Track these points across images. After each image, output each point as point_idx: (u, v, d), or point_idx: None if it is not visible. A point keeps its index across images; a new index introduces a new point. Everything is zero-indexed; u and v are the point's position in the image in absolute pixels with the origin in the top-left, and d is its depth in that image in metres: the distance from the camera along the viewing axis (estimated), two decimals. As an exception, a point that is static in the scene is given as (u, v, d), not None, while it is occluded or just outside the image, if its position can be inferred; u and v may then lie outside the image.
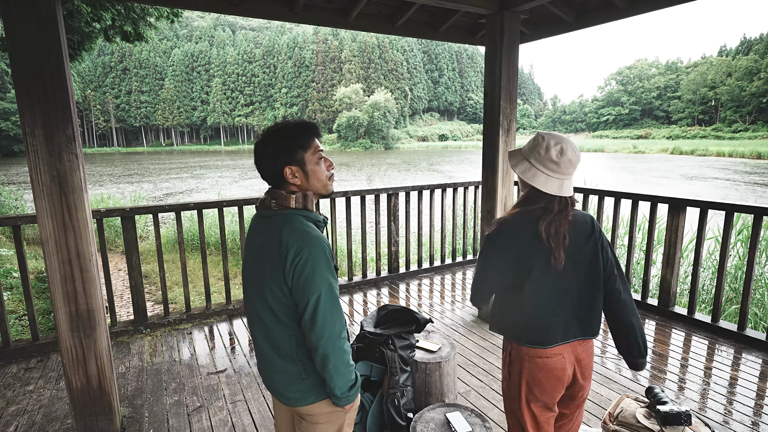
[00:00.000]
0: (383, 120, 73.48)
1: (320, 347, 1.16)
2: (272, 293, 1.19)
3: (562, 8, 3.37)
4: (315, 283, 1.15)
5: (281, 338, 1.23)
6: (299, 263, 1.14)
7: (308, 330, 1.17)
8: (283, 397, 1.29)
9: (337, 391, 1.21)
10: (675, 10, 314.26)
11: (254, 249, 1.27)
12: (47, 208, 2.02)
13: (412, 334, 2.38)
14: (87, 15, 5.15)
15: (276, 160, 1.23)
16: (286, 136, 1.24)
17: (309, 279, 1.15)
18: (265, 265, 1.19)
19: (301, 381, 1.25)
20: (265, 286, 1.20)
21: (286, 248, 1.15)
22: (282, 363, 1.25)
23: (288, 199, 1.22)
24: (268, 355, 1.28)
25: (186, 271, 3.59)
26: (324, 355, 1.17)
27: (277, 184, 1.27)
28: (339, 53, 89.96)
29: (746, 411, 2.40)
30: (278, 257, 1.16)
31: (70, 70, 2.11)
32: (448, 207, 5.15)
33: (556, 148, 1.37)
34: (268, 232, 1.21)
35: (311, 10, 3.27)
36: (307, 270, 1.14)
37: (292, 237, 1.16)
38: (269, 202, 1.24)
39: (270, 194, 1.25)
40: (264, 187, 1.36)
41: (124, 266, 6.25)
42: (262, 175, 1.28)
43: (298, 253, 1.14)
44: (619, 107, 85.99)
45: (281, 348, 1.24)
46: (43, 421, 2.39)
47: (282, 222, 1.20)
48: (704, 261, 4.79)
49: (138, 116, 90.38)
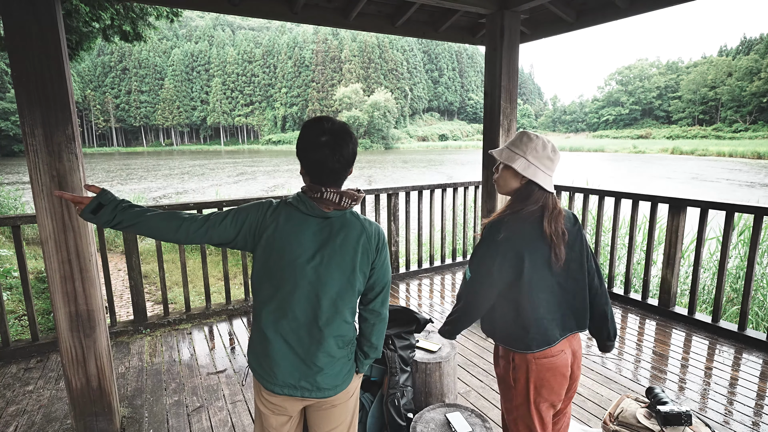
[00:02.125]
0: (383, 120, 73.53)
1: (384, 315, 1.38)
2: (360, 283, 1.29)
3: (562, 8, 3.37)
4: (389, 265, 1.38)
5: (348, 328, 1.32)
6: (382, 248, 1.33)
7: (380, 305, 1.36)
8: (328, 389, 1.29)
9: (380, 348, 1.43)
10: (675, 10, 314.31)
11: (330, 248, 1.24)
12: (47, 208, 2.01)
13: (412, 334, 2.38)
14: (86, 15, 5.14)
15: (354, 155, 1.28)
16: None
17: (388, 261, 1.36)
18: (355, 258, 1.26)
19: (348, 362, 1.35)
20: (354, 278, 1.27)
21: (375, 238, 1.31)
22: (341, 352, 1.31)
23: (359, 198, 1.30)
24: (321, 354, 1.26)
25: (186, 271, 3.58)
26: (385, 319, 1.39)
27: (343, 178, 1.29)
28: (339, 53, 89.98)
29: (746, 411, 2.40)
30: (369, 247, 1.29)
31: (70, 69, 2.11)
32: (448, 207, 5.14)
33: (550, 146, 1.40)
34: (350, 228, 1.27)
35: (311, 10, 3.27)
36: (385, 253, 1.34)
37: (373, 227, 1.32)
38: (348, 203, 1.26)
39: (347, 196, 1.26)
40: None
41: (123, 266, 6.25)
42: (338, 166, 1.23)
43: (381, 239, 1.33)
44: (620, 107, 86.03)
45: (345, 337, 1.32)
46: (43, 422, 2.39)
47: (355, 217, 1.31)
48: (705, 261, 4.79)
49: (138, 116, 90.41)
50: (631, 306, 3.85)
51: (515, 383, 1.45)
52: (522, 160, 1.39)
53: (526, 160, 1.39)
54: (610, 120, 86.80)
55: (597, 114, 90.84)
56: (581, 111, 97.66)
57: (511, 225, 1.38)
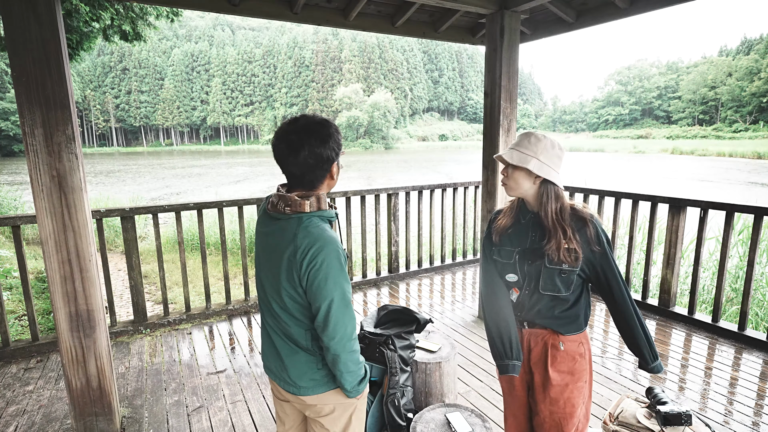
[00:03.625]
0: (383, 120, 73.53)
1: (331, 348, 1.21)
2: (288, 293, 1.21)
3: (562, 8, 3.37)
4: (328, 289, 1.17)
5: (297, 333, 1.27)
6: (313, 269, 1.15)
7: (320, 331, 1.21)
8: (294, 386, 1.30)
9: (347, 386, 1.28)
10: (675, 10, 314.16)
11: (267, 248, 1.26)
12: (47, 208, 2.01)
13: (412, 334, 2.38)
14: (86, 14, 5.14)
15: (329, 155, 1.21)
16: (337, 131, 1.24)
17: (322, 285, 1.16)
18: (280, 267, 1.19)
19: (316, 371, 1.30)
20: (281, 286, 1.21)
21: (303, 253, 1.15)
22: (299, 353, 1.29)
23: (302, 205, 1.19)
24: (283, 347, 1.30)
25: (186, 271, 3.58)
26: (335, 355, 1.22)
27: (309, 183, 1.22)
28: (339, 53, 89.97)
29: (746, 411, 2.40)
30: (294, 261, 1.16)
31: (70, 69, 2.11)
32: (448, 207, 5.14)
33: (557, 144, 1.42)
34: (283, 235, 1.20)
35: (311, 10, 3.27)
36: (320, 276, 1.16)
37: (306, 241, 1.16)
38: (282, 208, 1.20)
39: (283, 200, 1.20)
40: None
41: (123, 266, 6.25)
42: (295, 171, 1.20)
43: (313, 258, 1.15)
44: (620, 107, 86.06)
45: (298, 341, 1.28)
46: (43, 422, 2.39)
47: (297, 225, 1.19)
48: (705, 261, 4.79)
49: (138, 116, 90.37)
50: (631, 306, 3.85)
51: (587, 360, 1.51)
52: (535, 160, 1.39)
53: (538, 160, 1.39)
54: (610, 120, 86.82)
55: (597, 114, 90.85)
56: (581, 111, 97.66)
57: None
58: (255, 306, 3.89)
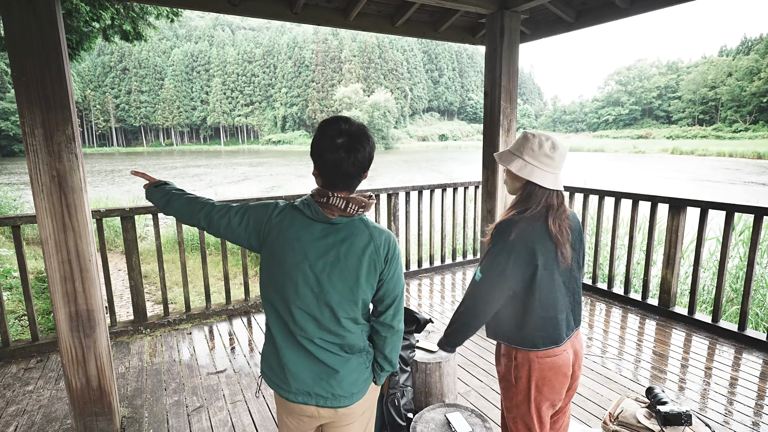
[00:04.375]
0: (383, 120, 73.53)
1: (398, 328, 1.30)
2: (364, 295, 1.22)
3: (562, 8, 3.37)
4: (402, 277, 1.28)
5: (357, 337, 1.26)
6: (394, 260, 1.24)
7: (391, 318, 1.27)
8: (347, 397, 1.25)
9: (395, 362, 1.35)
10: (675, 10, 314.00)
11: (332, 256, 1.18)
12: (47, 208, 2.01)
13: (412, 334, 2.38)
14: (86, 14, 5.14)
15: (373, 155, 1.22)
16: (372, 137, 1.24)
17: (400, 272, 1.27)
18: (359, 269, 1.18)
19: (365, 370, 1.30)
20: (358, 290, 1.19)
21: (384, 248, 1.21)
22: (352, 359, 1.27)
23: (369, 205, 1.21)
24: (336, 361, 1.23)
25: (186, 271, 3.58)
26: (398, 333, 1.31)
27: (356, 183, 1.21)
28: (339, 53, 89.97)
29: (746, 411, 2.40)
30: (377, 258, 1.20)
31: (70, 69, 2.11)
32: (448, 207, 5.14)
33: (548, 143, 1.38)
34: (355, 236, 1.19)
35: (311, 10, 3.27)
36: (398, 264, 1.25)
37: (383, 236, 1.23)
38: (355, 210, 1.18)
39: (354, 202, 1.18)
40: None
41: (123, 266, 6.25)
42: (352, 170, 1.16)
43: (393, 250, 1.24)
44: (619, 107, 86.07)
45: (354, 345, 1.26)
46: (43, 422, 2.39)
47: (364, 225, 1.22)
48: (705, 261, 4.79)
49: (138, 116, 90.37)
50: (631, 306, 3.85)
51: (516, 381, 1.45)
52: (519, 161, 1.39)
53: (522, 160, 1.39)
54: (610, 120, 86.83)
55: (597, 114, 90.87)
56: (581, 111, 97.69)
57: (520, 225, 1.36)
58: (255, 306, 3.89)
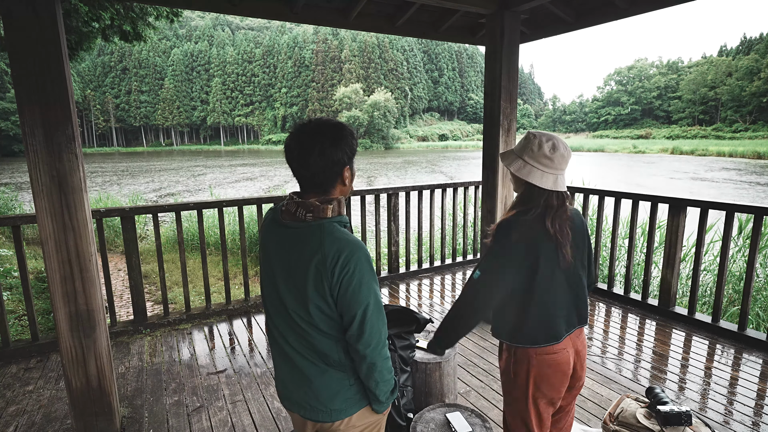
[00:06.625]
0: (383, 120, 73.55)
1: (368, 356, 1.15)
2: (315, 305, 1.13)
3: (562, 8, 3.37)
4: (363, 295, 1.12)
5: (327, 347, 1.18)
6: (346, 276, 1.09)
7: (354, 340, 1.14)
8: (325, 412, 1.21)
9: (382, 397, 1.22)
10: (675, 10, 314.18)
11: (285, 260, 1.16)
12: (47, 208, 2.01)
13: (412, 334, 2.38)
14: (85, 14, 5.14)
15: (341, 157, 1.14)
16: (351, 135, 1.16)
17: (356, 291, 1.11)
18: (306, 278, 1.12)
19: (348, 388, 1.22)
20: (307, 298, 1.12)
21: (333, 261, 1.09)
22: (330, 372, 1.20)
23: (325, 211, 1.13)
24: (310, 369, 1.20)
25: (186, 271, 3.58)
26: (371, 364, 1.16)
27: (320, 185, 1.16)
28: (339, 53, 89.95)
29: (747, 411, 2.40)
30: (324, 270, 1.09)
31: (70, 69, 2.11)
32: (448, 207, 5.14)
33: (548, 144, 1.39)
34: (305, 243, 1.13)
35: (311, 10, 3.27)
36: (354, 282, 1.10)
37: (335, 248, 1.10)
38: (303, 215, 1.14)
39: (303, 207, 1.14)
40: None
41: (123, 266, 6.25)
42: (305, 172, 1.14)
43: (345, 265, 1.09)
44: (619, 107, 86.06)
45: (330, 356, 1.18)
46: (43, 422, 2.39)
47: (321, 232, 1.12)
48: (705, 261, 4.79)
49: (138, 116, 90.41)
50: (631, 306, 3.85)
51: (515, 377, 1.47)
52: (519, 161, 1.41)
53: (522, 161, 1.41)
54: (610, 120, 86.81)
55: (597, 114, 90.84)
56: (581, 111, 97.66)
57: (521, 225, 1.39)
58: (255, 306, 3.89)
